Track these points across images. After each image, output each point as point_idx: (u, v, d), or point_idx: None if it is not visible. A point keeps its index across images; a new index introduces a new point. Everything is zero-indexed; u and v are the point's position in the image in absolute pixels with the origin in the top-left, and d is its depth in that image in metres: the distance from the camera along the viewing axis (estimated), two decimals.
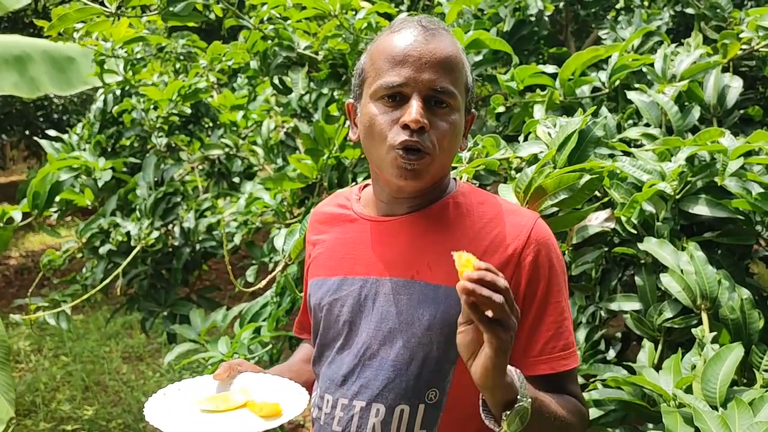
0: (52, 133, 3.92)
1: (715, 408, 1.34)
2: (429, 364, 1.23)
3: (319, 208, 1.47)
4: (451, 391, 1.24)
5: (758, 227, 1.83)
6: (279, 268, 2.09)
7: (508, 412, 1.05)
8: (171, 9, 2.68)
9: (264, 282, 2.15)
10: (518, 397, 1.05)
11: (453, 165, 1.93)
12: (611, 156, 1.97)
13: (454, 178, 1.37)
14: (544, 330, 1.24)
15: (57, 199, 3.42)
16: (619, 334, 2.12)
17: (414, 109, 1.17)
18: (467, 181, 1.85)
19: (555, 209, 1.60)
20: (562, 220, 1.58)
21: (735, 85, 2.33)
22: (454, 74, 1.22)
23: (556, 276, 1.25)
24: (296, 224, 2.13)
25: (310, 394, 1.38)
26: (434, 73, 1.19)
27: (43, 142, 3.70)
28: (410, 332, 1.23)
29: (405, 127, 1.18)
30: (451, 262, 1.19)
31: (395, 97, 1.20)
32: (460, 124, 1.25)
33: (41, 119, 9.84)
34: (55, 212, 3.55)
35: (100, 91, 3.84)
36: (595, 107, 2.23)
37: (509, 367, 1.06)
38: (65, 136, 3.79)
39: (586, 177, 1.51)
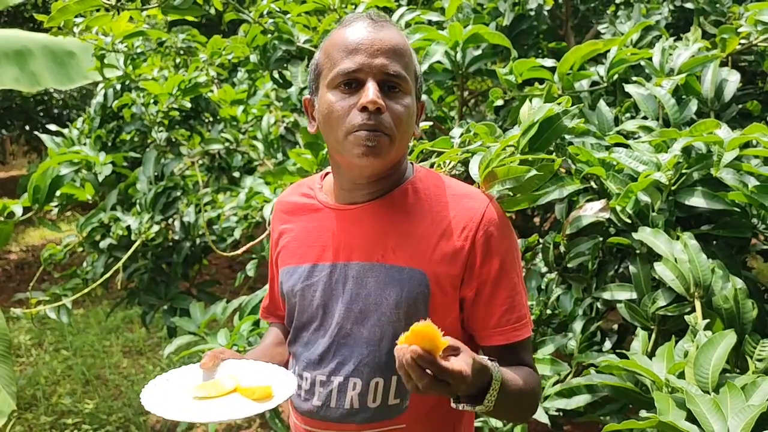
0: (52, 127, 3.92)
1: (707, 393, 1.35)
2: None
3: (284, 198, 1.53)
4: None
5: (754, 220, 1.84)
6: (263, 236, 2.10)
7: (489, 394, 1.15)
8: (171, 2, 2.69)
9: (245, 248, 2.16)
10: (493, 380, 1.16)
11: (441, 150, 1.96)
12: (607, 148, 1.98)
13: (411, 163, 1.43)
14: (498, 305, 1.33)
15: (57, 193, 3.43)
16: (615, 326, 2.13)
17: (371, 92, 1.23)
18: (453, 167, 1.87)
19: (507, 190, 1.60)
20: (513, 201, 1.59)
21: (732, 79, 2.34)
22: (404, 60, 1.29)
23: (509, 254, 1.34)
24: None
25: None
26: (386, 58, 1.26)
27: (44, 137, 3.71)
28: (380, 311, 1.32)
29: (363, 109, 1.24)
30: (414, 245, 1.32)
31: (351, 84, 1.26)
32: (413, 108, 1.32)
33: (41, 114, 9.84)
34: (56, 207, 3.55)
35: (100, 85, 3.85)
36: (563, 99, 2.23)
37: (477, 356, 1.14)
38: (65, 131, 3.80)
39: (533, 172, 1.52)
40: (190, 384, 1.35)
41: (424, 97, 1.97)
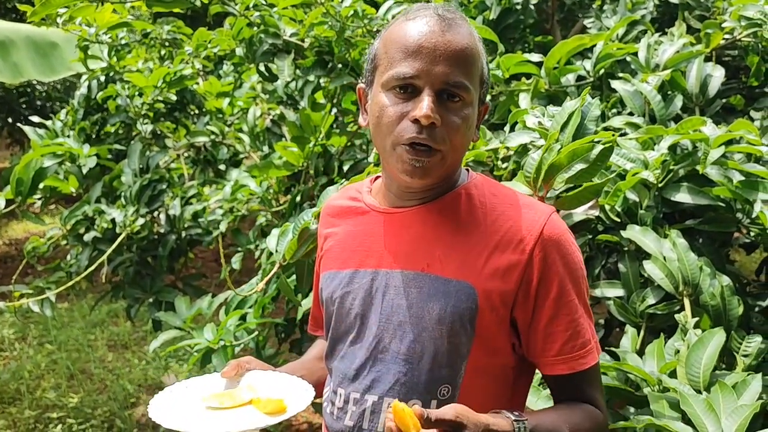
0: (35, 119, 3.88)
1: (698, 392, 1.37)
2: (440, 359, 1.21)
3: (331, 202, 1.45)
4: (463, 387, 1.22)
5: (739, 215, 1.86)
6: (275, 269, 2.08)
7: None
8: None
9: (261, 284, 2.13)
10: None
11: None
12: None
13: (467, 169, 1.34)
14: (560, 330, 1.20)
15: (41, 186, 3.39)
16: (602, 321, 2.15)
17: (425, 104, 1.13)
18: None
19: (568, 187, 1.61)
20: (578, 195, 1.58)
21: (717, 75, 2.37)
22: (468, 67, 1.18)
23: (571, 273, 1.21)
24: (288, 224, 2.11)
25: (322, 391, 1.38)
26: (448, 66, 1.15)
27: (27, 129, 3.67)
28: (421, 326, 1.21)
29: (415, 121, 1.14)
30: (463, 256, 1.20)
31: (406, 89, 1.17)
32: (473, 118, 1.22)
33: (24, 106, 9.71)
34: (39, 199, 3.52)
35: (84, 77, 3.81)
36: (588, 91, 2.25)
37: (501, 417, 1.08)
38: (49, 123, 3.75)
39: (599, 147, 1.52)
40: (208, 393, 1.29)
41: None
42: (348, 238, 1.34)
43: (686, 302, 1.62)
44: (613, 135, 1.63)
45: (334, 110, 3.20)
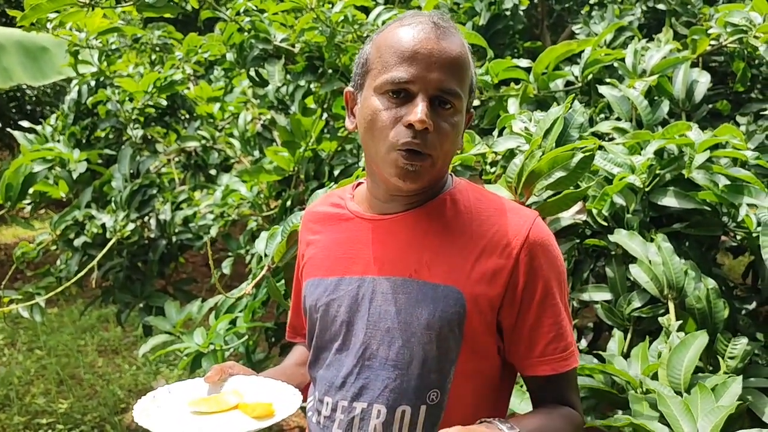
0: (25, 124, 3.87)
1: (679, 393, 1.39)
2: (429, 364, 1.21)
3: (312, 208, 1.45)
4: (452, 391, 1.23)
5: (725, 218, 1.88)
6: (263, 272, 2.07)
7: None
8: (146, 0, 2.67)
9: (250, 287, 2.13)
10: None
11: None
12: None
13: (451, 174, 1.34)
14: (544, 332, 1.22)
15: (30, 191, 3.39)
16: (591, 324, 2.17)
17: (419, 110, 1.14)
18: None
19: (549, 193, 1.62)
20: (558, 202, 1.60)
21: (703, 80, 2.39)
22: (461, 75, 1.20)
23: (555, 277, 1.24)
24: (276, 227, 2.11)
25: (305, 397, 1.37)
26: (443, 73, 1.16)
27: (17, 134, 3.66)
28: (410, 332, 1.21)
29: (409, 126, 1.15)
30: (450, 261, 1.21)
31: (400, 93, 1.17)
32: (461, 125, 1.23)
33: (14, 110, 9.68)
34: (29, 204, 3.51)
35: (74, 81, 3.81)
36: (573, 97, 2.27)
37: (494, 428, 1.09)
38: (39, 128, 3.75)
39: (579, 155, 1.54)
40: (192, 397, 1.28)
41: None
42: (332, 245, 1.34)
43: (671, 305, 1.63)
44: (595, 144, 1.65)
45: (325, 115, 3.22)
